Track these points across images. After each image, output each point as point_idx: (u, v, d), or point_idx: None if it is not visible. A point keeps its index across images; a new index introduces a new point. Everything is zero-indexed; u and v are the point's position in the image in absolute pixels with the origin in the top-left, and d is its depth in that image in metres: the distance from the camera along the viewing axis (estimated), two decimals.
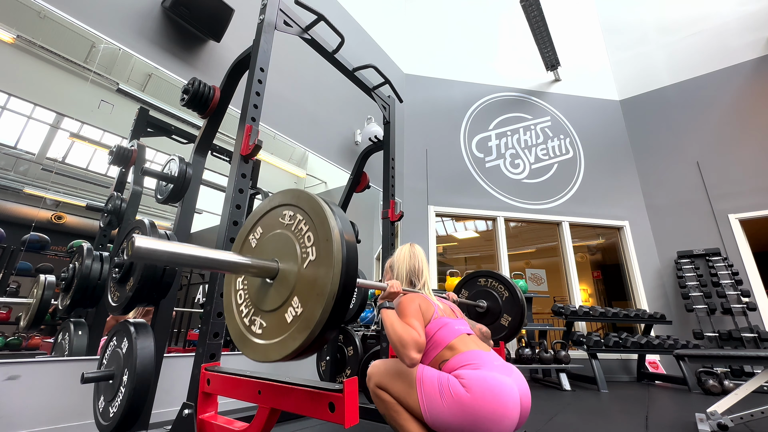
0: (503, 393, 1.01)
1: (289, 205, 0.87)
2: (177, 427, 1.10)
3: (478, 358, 1.12)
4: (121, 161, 2.14)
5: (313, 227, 0.79)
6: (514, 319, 1.92)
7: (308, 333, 0.72)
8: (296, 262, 0.80)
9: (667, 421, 2.15)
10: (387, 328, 1.14)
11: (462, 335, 1.22)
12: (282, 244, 0.85)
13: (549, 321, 6.23)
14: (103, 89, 2.18)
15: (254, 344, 0.82)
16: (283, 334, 0.77)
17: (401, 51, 5.18)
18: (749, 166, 4.47)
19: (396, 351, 1.10)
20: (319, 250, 0.76)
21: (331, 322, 0.72)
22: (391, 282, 1.26)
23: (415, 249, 1.48)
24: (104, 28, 2.03)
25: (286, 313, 0.78)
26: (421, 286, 1.41)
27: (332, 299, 0.71)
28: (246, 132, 1.37)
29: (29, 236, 1.88)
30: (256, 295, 0.87)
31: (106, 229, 2.07)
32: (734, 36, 5.01)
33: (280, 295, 0.81)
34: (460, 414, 1.00)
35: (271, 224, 0.91)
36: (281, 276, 0.82)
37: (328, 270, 0.72)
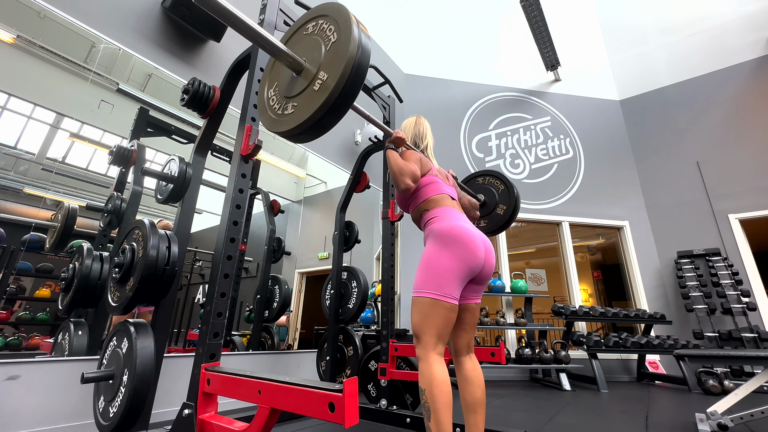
0: (465, 233, 1.22)
1: (311, 18, 1.02)
2: (177, 427, 1.10)
3: (448, 213, 1.31)
4: (121, 161, 2.14)
5: (334, 22, 0.93)
6: (508, 208, 2.08)
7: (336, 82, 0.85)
8: (320, 52, 0.94)
9: (667, 421, 2.15)
10: (390, 161, 1.35)
11: (445, 195, 1.40)
12: (307, 47, 1.00)
13: (549, 321, 6.23)
14: (103, 89, 2.18)
15: (288, 118, 0.96)
16: (314, 99, 0.89)
17: (401, 51, 5.18)
18: (749, 166, 4.47)
19: (394, 178, 1.33)
20: (340, 32, 0.90)
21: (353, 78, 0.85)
22: (398, 130, 1.48)
23: (421, 119, 1.65)
24: (104, 28, 2.03)
25: (314, 85, 0.91)
26: (423, 148, 1.58)
27: (352, 59, 0.84)
28: (246, 132, 1.37)
29: (29, 236, 1.88)
30: (287, 89, 1.01)
31: (106, 229, 2.07)
32: (734, 36, 5.01)
33: (308, 78, 0.94)
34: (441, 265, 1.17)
35: (295, 42, 1.06)
36: (307, 69, 0.96)
37: (348, 39, 0.86)
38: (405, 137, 1.45)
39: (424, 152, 1.56)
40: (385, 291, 2.06)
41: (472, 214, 1.67)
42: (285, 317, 3.63)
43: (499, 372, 3.89)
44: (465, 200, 1.68)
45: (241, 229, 1.30)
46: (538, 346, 3.54)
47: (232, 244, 1.27)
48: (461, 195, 1.67)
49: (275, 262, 3.17)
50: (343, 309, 2.35)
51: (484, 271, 1.26)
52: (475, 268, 1.21)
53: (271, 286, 2.91)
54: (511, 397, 2.91)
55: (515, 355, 3.53)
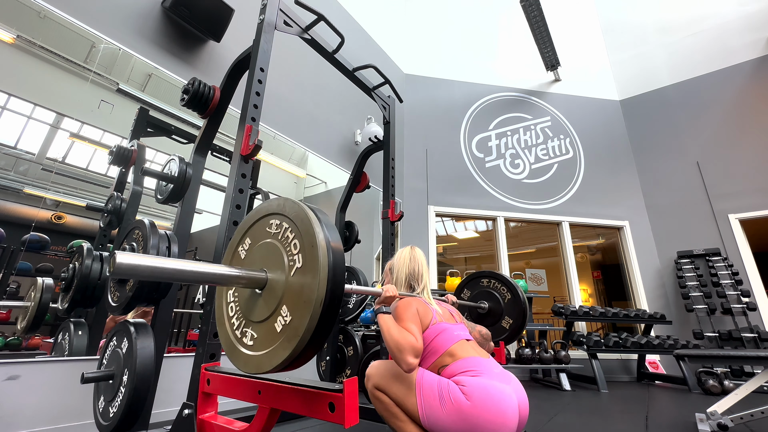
0: (503, 402, 1.01)
1: (276, 214, 0.87)
2: (177, 427, 1.10)
3: (477, 365, 1.10)
4: (121, 161, 2.14)
5: (299, 234, 0.79)
6: (515, 322, 1.91)
7: (297, 341, 0.71)
8: (284, 271, 0.79)
9: (667, 421, 2.15)
10: (384, 333, 1.12)
11: (461, 341, 1.20)
12: (270, 254, 0.85)
13: (549, 321, 6.23)
14: (103, 89, 2.18)
15: (246, 356, 0.82)
16: (273, 344, 0.76)
17: (401, 51, 5.18)
18: (749, 166, 4.47)
19: (393, 356, 1.09)
20: (305, 258, 0.76)
21: (320, 329, 0.71)
22: (386, 287, 1.23)
23: (416, 252, 1.46)
24: (104, 28, 2.03)
25: (276, 323, 0.77)
26: (420, 290, 1.38)
27: (320, 306, 0.70)
28: (246, 132, 1.37)
29: (29, 236, 1.88)
30: (246, 306, 0.86)
31: (106, 229, 2.07)
32: (734, 36, 5.01)
33: (269, 305, 0.80)
34: (459, 422, 0.99)
35: (258, 234, 0.90)
36: (270, 286, 0.82)
37: (314, 277, 0.72)
38: (395, 294, 1.21)
39: (421, 293, 1.36)
40: None
41: (486, 347, 1.51)
42: None
43: None
44: (476, 333, 1.52)
45: None
46: (538, 346, 3.54)
47: None
48: (470, 328, 1.51)
49: None
50: (343, 309, 2.35)
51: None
52: None
53: None
54: None
55: (515, 355, 3.53)
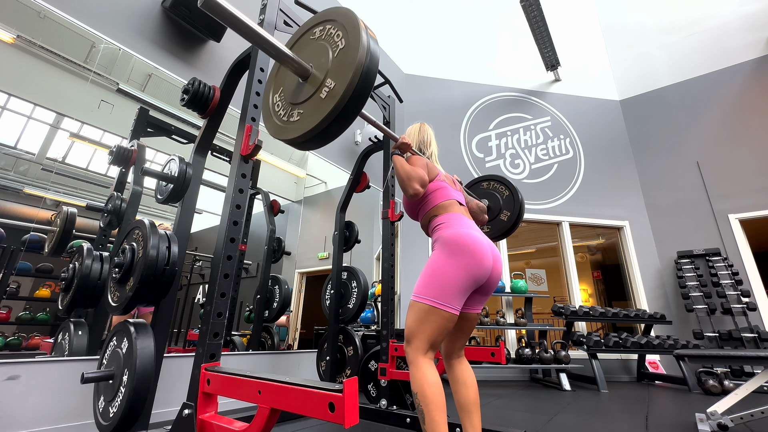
0: (474, 241, 1.19)
1: (319, 23, 1.00)
2: (177, 427, 1.10)
3: (457, 219, 1.29)
4: (121, 161, 2.14)
5: (342, 27, 0.92)
6: (512, 214, 2.03)
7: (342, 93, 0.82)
8: (328, 58, 0.92)
9: (667, 421, 2.15)
10: (397, 167, 1.34)
11: (454, 200, 1.38)
12: (314, 52, 0.98)
13: (549, 321, 6.23)
14: (103, 89, 2.18)
15: (295, 126, 0.93)
16: (320, 107, 0.87)
17: (401, 51, 5.17)
18: (749, 166, 4.47)
19: (402, 184, 1.30)
20: (348, 39, 0.88)
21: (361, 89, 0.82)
22: (404, 136, 1.46)
23: (425, 126, 1.64)
24: (104, 28, 2.03)
25: (321, 93, 0.88)
26: (428, 155, 1.56)
27: (360, 67, 0.82)
28: (246, 132, 1.37)
29: (29, 236, 1.88)
30: (293, 96, 0.98)
31: (106, 229, 2.07)
32: (734, 36, 5.01)
33: (314, 85, 0.92)
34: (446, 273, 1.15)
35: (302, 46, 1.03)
36: (313, 76, 0.94)
37: (356, 46, 0.84)
38: (411, 143, 1.44)
39: (429, 158, 1.55)
40: (385, 291, 2.06)
41: (480, 218, 1.64)
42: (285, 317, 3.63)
43: (499, 372, 3.89)
44: (473, 204, 1.65)
45: (241, 229, 1.30)
46: (538, 346, 3.54)
47: (232, 244, 1.27)
48: (469, 200, 1.65)
49: (275, 262, 3.17)
50: (343, 309, 2.35)
51: (490, 281, 1.23)
52: (481, 278, 1.18)
53: (271, 286, 2.91)
54: (511, 397, 2.91)
55: (515, 355, 3.53)
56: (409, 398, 2.02)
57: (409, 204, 1.45)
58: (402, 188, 1.32)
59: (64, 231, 1.93)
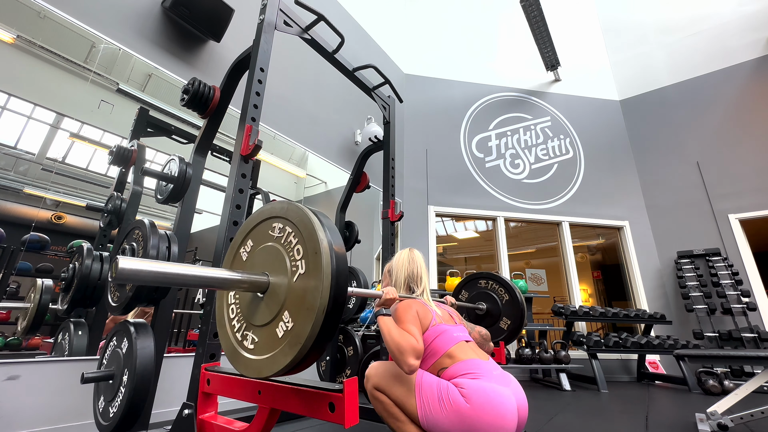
0: (502, 405, 1.01)
1: (279, 217, 0.86)
2: (177, 427, 1.10)
3: (477, 367, 1.11)
4: (121, 161, 2.14)
5: (302, 240, 0.78)
6: (513, 322, 1.92)
7: (299, 348, 0.70)
8: (286, 276, 0.79)
9: (667, 421, 2.15)
10: (384, 335, 1.12)
11: (461, 343, 1.21)
12: (272, 258, 0.84)
13: (549, 321, 6.23)
14: (103, 89, 2.18)
15: (247, 360, 0.81)
16: (274, 349, 0.75)
17: (401, 51, 5.18)
18: (749, 166, 4.47)
19: (394, 358, 1.09)
20: (308, 264, 0.75)
21: (322, 336, 0.71)
22: (386, 289, 1.22)
23: (414, 254, 1.46)
24: (104, 28, 2.03)
25: (277, 328, 0.77)
26: (420, 292, 1.38)
27: (322, 313, 0.70)
28: (246, 132, 1.37)
29: (29, 236, 1.88)
30: (248, 310, 0.85)
31: (106, 229, 2.06)
32: (734, 36, 5.01)
33: (271, 309, 0.79)
34: (458, 424, 1.00)
35: (261, 237, 0.89)
36: (272, 290, 0.81)
37: (318, 283, 0.72)
38: (395, 297, 1.21)
39: (421, 295, 1.37)
40: None
41: (485, 348, 1.51)
42: None
43: None
44: (475, 334, 1.52)
45: None
46: (538, 346, 3.54)
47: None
48: (470, 329, 1.50)
49: None
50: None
51: None
52: None
53: None
54: None
55: (515, 355, 3.53)
56: None
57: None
58: (395, 361, 1.11)
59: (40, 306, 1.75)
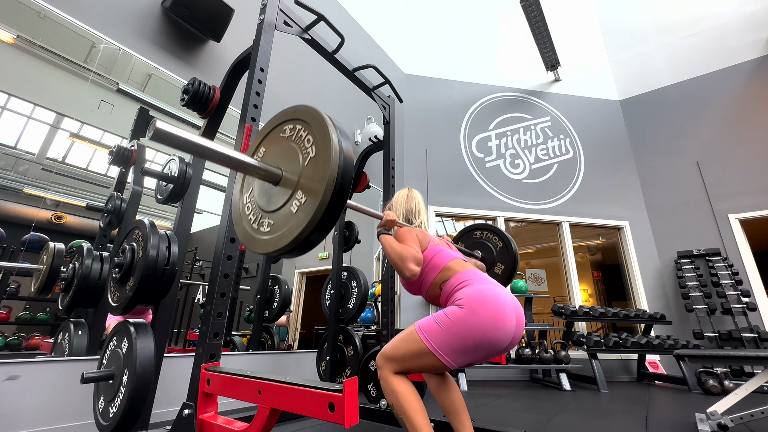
0: (498, 300, 1.08)
1: (288, 120, 0.95)
2: (177, 427, 1.10)
3: (474, 275, 1.19)
4: (121, 161, 2.14)
5: (311, 130, 0.87)
6: (507, 267, 1.99)
7: (312, 214, 0.78)
8: (298, 164, 0.87)
9: (667, 421, 2.15)
10: (386, 248, 1.23)
11: (458, 259, 1.30)
12: (284, 154, 0.93)
13: (549, 321, 6.23)
14: (103, 89, 2.18)
15: (265, 240, 0.88)
16: (290, 223, 0.83)
17: (401, 51, 5.18)
18: (749, 166, 4.47)
19: (396, 267, 1.19)
20: (318, 146, 0.84)
21: (333, 206, 0.78)
22: (387, 212, 1.34)
23: (413, 192, 1.55)
24: (104, 28, 2.03)
25: (291, 206, 0.85)
26: (418, 224, 1.47)
27: (332, 183, 0.77)
28: (246, 132, 1.37)
29: (29, 236, 1.88)
30: (262, 201, 0.94)
31: (106, 229, 2.07)
32: (734, 36, 5.01)
33: (285, 194, 0.88)
34: (462, 331, 1.04)
35: (272, 141, 0.98)
36: (285, 180, 0.90)
37: (327, 159, 0.79)
38: (395, 218, 1.32)
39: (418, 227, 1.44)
40: (385, 291, 2.06)
41: None
42: (285, 317, 3.63)
43: (499, 372, 3.89)
44: (471, 263, 1.56)
45: None
46: (538, 346, 3.54)
47: (232, 244, 1.27)
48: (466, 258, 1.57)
49: (275, 262, 3.16)
50: (343, 309, 2.35)
51: (509, 346, 1.10)
52: (500, 342, 1.06)
53: (271, 286, 2.91)
54: (511, 397, 2.91)
55: (515, 355, 3.53)
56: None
57: (408, 283, 1.34)
58: (397, 271, 1.21)
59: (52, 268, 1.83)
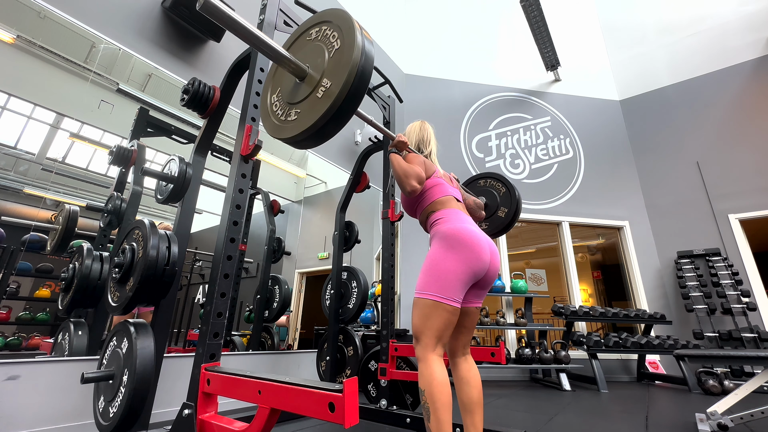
0: (471, 235, 1.22)
1: (315, 24, 1.03)
2: (177, 427, 1.10)
3: (453, 214, 1.31)
4: (121, 161, 2.14)
5: (337, 28, 0.94)
6: (510, 210, 2.06)
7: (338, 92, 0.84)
8: (324, 59, 0.94)
9: (667, 421, 2.15)
10: (393, 165, 1.36)
11: (451, 197, 1.40)
12: (312, 52, 1.00)
13: (549, 321, 6.23)
14: (103, 89, 2.18)
15: (292, 125, 0.96)
16: (316, 105, 0.89)
17: (401, 51, 5.17)
18: (749, 166, 4.47)
19: (399, 181, 1.32)
20: (343, 40, 0.91)
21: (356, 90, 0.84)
22: (400, 134, 1.46)
23: (426, 124, 1.66)
24: (104, 28, 2.03)
25: (317, 92, 0.91)
26: (427, 153, 1.57)
27: (356, 68, 0.84)
28: (246, 132, 1.37)
29: (29, 236, 1.88)
30: (290, 95, 1.01)
31: (106, 229, 2.07)
32: (734, 36, 5.01)
33: (311, 84, 0.95)
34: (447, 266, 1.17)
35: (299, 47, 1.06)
36: (310, 75, 0.97)
37: (351, 48, 0.86)
38: (407, 141, 1.45)
39: (428, 157, 1.56)
40: (385, 291, 2.06)
41: (477, 214, 1.67)
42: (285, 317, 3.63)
43: (499, 372, 3.89)
44: (470, 201, 1.68)
45: (241, 229, 1.30)
46: (538, 346, 3.54)
47: (232, 244, 1.27)
48: (466, 196, 1.67)
49: (275, 262, 3.17)
50: (343, 309, 2.35)
51: (488, 275, 1.25)
52: (480, 271, 1.20)
53: (271, 286, 2.91)
54: (511, 397, 2.91)
55: (515, 355, 3.53)
56: (410, 398, 2.02)
57: (407, 201, 1.47)
58: (399, 185, 1.34)
59: (67, 229, 1.94)
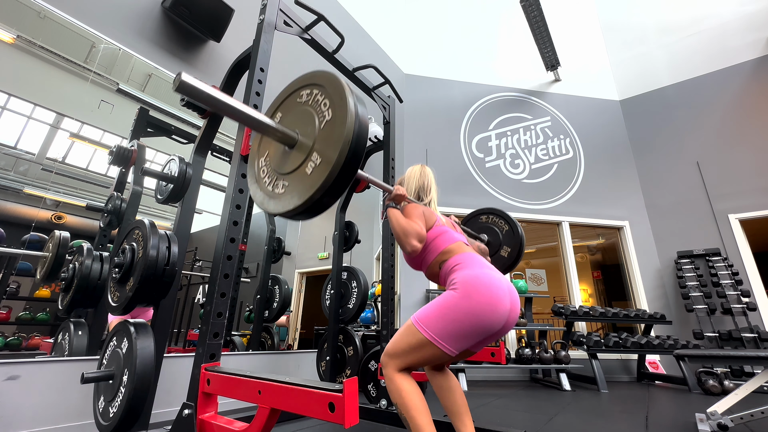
0: (492, 283, 1.11)
1: (306, 85, 0.97)
2: (177, 427, 1.10)
3: (471, 259, 1.21)
4: (121, 161, 2.14)
5: (328, 95, 0.89)
6: (513, 250, 2.00)
7: (328, 173, 0.79)
8: (314, 127, 0.89)
9: (667, 421, 2.15)
10: (392, 222, 1.27)
11: (460, 242, 1.31)
12: (301, 118, 0.94)
13: (549, 321, 6.23)
14: (103, 89, 2.18)
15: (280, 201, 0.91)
16: (305, 183, 0.85)
17: (401, 51, 5.17)
18: (749, 166, 4.47)
19: (398, 241, 1.23)
20: (334, 110, 0.85)
21: (348, 165, 0.79)
22: (398, 185, 1.38)
23: (426, 169, 1.55)
24: (104, 28, 2.03)
25: (307, 167, 0.86)
26: (427, 202, 1.48)
27: (347, 145, 0.79)
28: (246, 132, 1.37)
29: (29, 236, 1.88)
30: (278, 164, 0.96)
31: (106, 229, 2.07)
32: (734, 36, 5.01)
33: (300, 156, 0.90)
34: (458, 315, 1.06)
35: (289, 107, 1.01)
36: (300, 144, 0.91)
37: (343, 122, 0.81)
38: (405, 194, 1.36)
39: (428, 205, 1.46)
40: (385, 291, 2.06)
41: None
42: (285, 317, 3.63)
43: (499, 372, 3.89)
44: (474, 246, 1.59)
45: (241, 229, 1.30)
46: (538, 346, 3.54)
47: (232, 244, 1.27)
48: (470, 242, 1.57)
49: (275, 262, 3.17)
50: (343, 309, 2.35)
51: (503, 329, 1.12)
52: (494, 327, 1.08)
53: (271, 286, 2.91)
54: (511, 397, 2.91)
55: (515, 355, 3.53)
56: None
57: (410, 259, 1.36)
58: (399, 245, 1.24)
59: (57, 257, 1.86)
